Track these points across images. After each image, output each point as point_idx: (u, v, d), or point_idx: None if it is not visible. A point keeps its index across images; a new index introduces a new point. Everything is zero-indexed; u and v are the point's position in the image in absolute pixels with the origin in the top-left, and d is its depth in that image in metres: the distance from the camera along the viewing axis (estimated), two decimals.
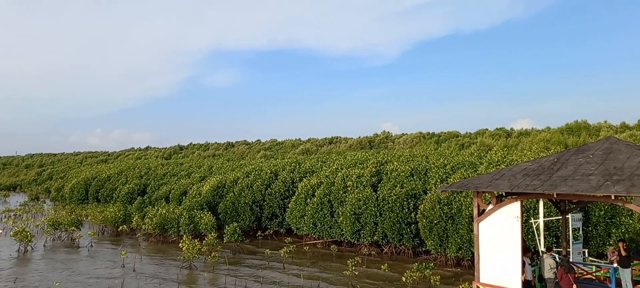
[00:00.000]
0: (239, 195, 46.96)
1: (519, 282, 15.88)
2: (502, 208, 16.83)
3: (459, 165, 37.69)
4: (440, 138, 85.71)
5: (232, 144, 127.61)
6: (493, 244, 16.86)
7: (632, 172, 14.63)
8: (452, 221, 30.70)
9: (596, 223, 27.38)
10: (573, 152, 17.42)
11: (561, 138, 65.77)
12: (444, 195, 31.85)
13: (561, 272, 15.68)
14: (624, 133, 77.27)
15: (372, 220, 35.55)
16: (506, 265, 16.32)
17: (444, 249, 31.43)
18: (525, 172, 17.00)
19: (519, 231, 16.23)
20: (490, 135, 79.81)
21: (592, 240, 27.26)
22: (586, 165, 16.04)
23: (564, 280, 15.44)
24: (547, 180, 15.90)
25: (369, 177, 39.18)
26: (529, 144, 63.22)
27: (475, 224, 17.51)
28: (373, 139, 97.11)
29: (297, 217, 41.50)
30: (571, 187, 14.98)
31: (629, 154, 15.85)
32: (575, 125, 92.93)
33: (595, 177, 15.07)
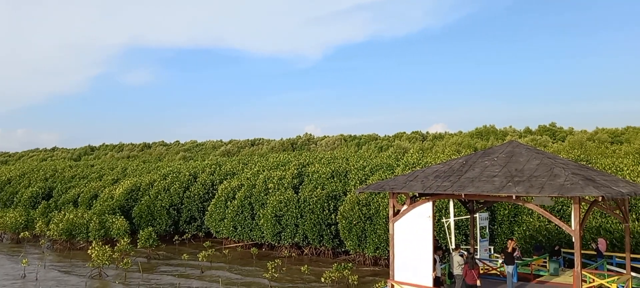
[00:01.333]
0: (155, 199, 45.11)
1: (430, 279, 16.58)
2: (416, 209, 17.47)
3: (377, 167, 38.81)
4: (361, 140, 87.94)
5: (149, 145, 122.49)
6: (407, 243, 17.46)
7: (531, 174, 15.79)
8: (371, 221, 31.51)
9: (501, 222, 29.31)
10: (480, 155, 18.49)
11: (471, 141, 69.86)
12: (363, 196, 32.60)
13: (466, 268, 16.58)
14: (526, 137, 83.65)
15: (293, 222, 35.60)
16: (419, 263, 16.96)
17: (363, 249, 32.17)
18: (436, 174, 17.79)
19: (431, 230, 16.93)
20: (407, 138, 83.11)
21: (498, 237, 29.12)
22: (491, 168, 17.09)
23: (469, 275, 16.34)
24: (456, 181, 16.75)
25: (291, 179, 39.22)
26: (443, 147, 66.56)
27: (391, 224, 18.04)
28: (296, 141, 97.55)
29: (216, 220, 40.61)
30: (477, 187, 15.88)
31: (528, 157, 17.10)
32: (484, 129, 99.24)
33: (498, 178, 16.09)
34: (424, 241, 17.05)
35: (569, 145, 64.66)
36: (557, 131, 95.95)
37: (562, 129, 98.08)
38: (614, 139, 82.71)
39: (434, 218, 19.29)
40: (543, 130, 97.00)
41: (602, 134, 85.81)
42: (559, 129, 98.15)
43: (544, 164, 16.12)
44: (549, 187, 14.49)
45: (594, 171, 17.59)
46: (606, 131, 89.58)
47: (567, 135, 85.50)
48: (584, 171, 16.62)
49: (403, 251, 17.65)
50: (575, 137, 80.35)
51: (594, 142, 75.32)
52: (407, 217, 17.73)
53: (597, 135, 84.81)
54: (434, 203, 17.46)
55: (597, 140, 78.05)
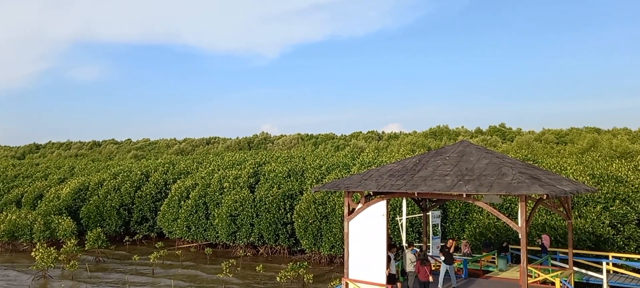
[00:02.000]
0: (105, 198, 43.60)
1: (384, 277, 16.79)
2: (370, 207, 17.63)
3: (333, 166, 39.00)
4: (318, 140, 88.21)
5: (99, 143, 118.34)
6: (361, 241, 17.60)
7: (481, 173, 16.25)
8: (327, 220, 31.61)
9: (453, 219, 30.07)
10: (432, 155, 18.87)
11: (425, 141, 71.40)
12: (319, 195, 32.68)
13: (418, 265, 16.89)
14: (477, 137, 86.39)
15: (248, 222, 35.25)
16: (373, 260, 17.14)
17: (318, 248, 32.24)
18: (391, 173, 18.03)
19: (385, 228, 17.14)
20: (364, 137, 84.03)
21: (449, 234, 29.85)
22: (443, 167, 17.46)
23: (421, 272, 16.66)
24: (409, 180, 17.02)
25: (247, 178, 38.82)
26: (398, 146, 67.70)
27: (346, 223, 18.14)
28: (252, 140, 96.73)
29: (169, 220, 39.68)
30: (430, 186, 16.19)
31: (478, 157, 17.59)
32: (437, 129, 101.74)
33: (450, 177, 16.46)
34: (378, 239, 17.23)
35: (517, 145, 67.20)
36: (506, 132, 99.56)
37: (511, 129, 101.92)
38: (559, 139, 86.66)
39: (388, 216, 19.53)
40: (493, 130, 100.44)
41: (548, 135, 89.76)
42: (509, 129, 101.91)
43: (492, 163, 16.61)
44: (497, 186, 14.94)
45: (540, 170, 18.29)
46: (552, 132, 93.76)
47: (516, 136, 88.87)
48: (530, 170, 17.24)
49: (357, 249, 17.78)
50: (523, 137, 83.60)
51: (540, 142, 78.64)
52: (361, 215, 17.86)
53: (544, 136, 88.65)
54: (388, 201, 17.67)
55: (543, 141, 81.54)
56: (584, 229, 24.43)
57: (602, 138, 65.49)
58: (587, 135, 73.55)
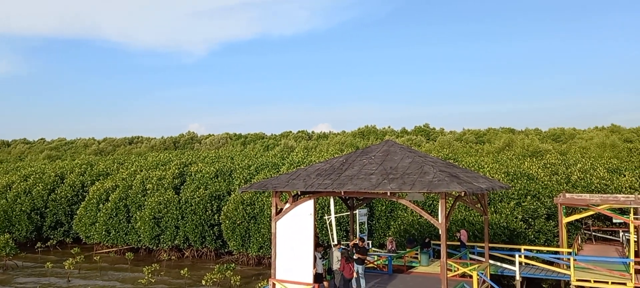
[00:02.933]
0: (14, 202, 40.41)
1: (311, 276, 16.82)
2: (298, 207, 17.60)
3: (262, 166, 38.66)
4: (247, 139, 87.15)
5: (8, 143, 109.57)
6: (289, 241, 17.52)
7: (404, 172, 16.72)
8: (255, 221, 31.24)
9: (379, 217, 30.79)
10: (359, 154, 19.18)
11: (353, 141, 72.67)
12: (248, 195, 32.23)
13: (343, 262, 17.09)
14: (403, 137, 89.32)
15: (173, 224, 34.07)
16: (300, 260, 17.12)
17: (246, 249, 31.79)
18: (318, 172, 18.10)
19: (312, 227, 17.17)
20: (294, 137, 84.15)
21: (376, 232, 30.56)
22: (369, 166, 17.80)
23: (346, 269, 16.87)
24: (336, 179, 17.18)
25: (172, 179, 37.51)
26: (327, 145, 68.40)
27: (273, 223, 17.99)
28: (178, 140, 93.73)
29: (87, 225, 37.49)
30: (356, 185, 16.44)
31: (402, 156, 18.10)
32: (366, 129, 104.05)
33: (375, 176, 16.80)
34: (305, 238, 17.23)
35: (439, 144, 70.22)
36: (430, 132, 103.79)
37: (435, 129, 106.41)
38: (478, 139, 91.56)
39: (316, 215, 19.59)
40: (418, 130, 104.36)
41: (468, 135, 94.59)
42: (432, 129, 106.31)
43: (415, 162, 17.14)
44: (419, 184, 15.43)
45: (459, 169, 19.14)
46: (472, 132, 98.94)
47: (439, 136, 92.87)
48: (450, 169, 17.99)
49: (285, 249, 17.68)
50: (445, 137, 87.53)
51: (461, 142, 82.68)
52: (289, 215, 17.79)
53: (464, 136, 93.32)
54: (315, 201, 17.73)
55: (464, 140, 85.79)
56: (499, 224, 25.91)
57: (516, 138, 70.00)
58: (503, 135, 78.33)
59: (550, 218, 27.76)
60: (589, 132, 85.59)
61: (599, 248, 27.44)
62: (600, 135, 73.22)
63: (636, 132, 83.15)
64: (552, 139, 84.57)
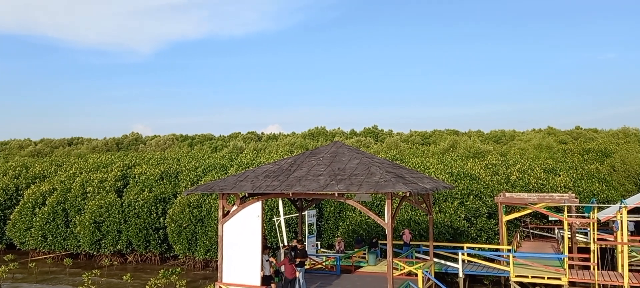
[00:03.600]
0: None
1: (259, 278, 16.65)
2: (246, 209, 17.39)
3: (210, 167, 37.95)
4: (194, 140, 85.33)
5: None
6: (236, 244, 17.28)
7: (352, 173, 16.87)
8: (202, 224, 30.60)
9: (328, 218, 30.94)
10: (307, 155, 19.18)
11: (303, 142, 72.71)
12: (194, 198, 31.54)
13: (285, 262, 17.01)
14: (352, 138, 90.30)
15: (115, 228, 32.80)
16: (247, 263, 16.92)
17: (193, 253, 31.08)
18: (266, 174, 17.96)
19: (260, 229, 17.02)
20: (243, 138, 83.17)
21: (324, 233, 30.70)
22: (317, 167, 17.84)
23: (287, 269, 16.80)
24: (284, 180, 17.10)
25: (114, 181, 36.10)
26: (276, 147, 68.10)
27: (220, 225, 17.67)
28: (121, 141, 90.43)
29: (21, 230, 35.46)
30: (304, 186, 16.42)
31: (350, 157, 18.26)
32: (315, 130, 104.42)
33: (323, 177, 16.86)
34: (253, 241, 17.05)
35: (387, 146, 71.51)
36: (379, 133, 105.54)
37: (383, 131, 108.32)
38: (424, 140, 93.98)
39: (264, 217, 19.41)
40: (367, 132, 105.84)
41: (415, 136, 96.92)
42: (381, 131, 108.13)
43: (363, 163, 17.33)
44: (366, 184, 15.60)
45: (405, 169, 19.52)
46: (418, 134, 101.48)
47: (387, 137, 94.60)
48: (396, 169, 18.32)
49: (232, 252, 17.43)
50: (393, 138, 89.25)
51: (408, 143, 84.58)
52: (236, 217, 17.55)
53: (411, 137, 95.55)
54: (263, 202, 17.57)
55: (410, 142, 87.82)
56: (444, 223, 26.67)
57: (460, 139, 72.40)
58: (448, 136, 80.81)
59: (491, 216, 28.86)
60: (527, 134, 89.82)
61: (537, 245, 28.80)
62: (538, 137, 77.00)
63: (570, 134, 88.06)
64: (494, 140, 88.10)
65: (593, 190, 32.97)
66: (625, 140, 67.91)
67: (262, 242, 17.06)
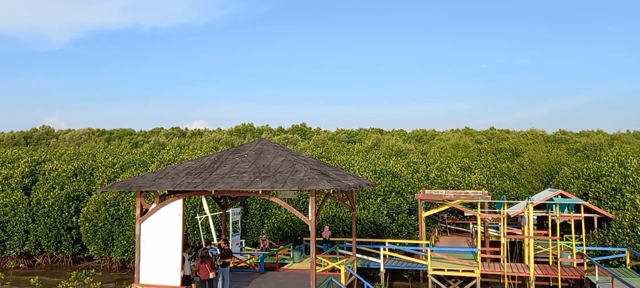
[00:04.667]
0: None
1: (178, 279, 16.10)
2: (165, 207, 16.74)
3: (129, 164, 36.25)
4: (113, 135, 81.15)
5: None
6: (155, 243, 16.59)
7: (276, 170, 16.76)
8: (119, 223, 29.16)
9: (253, 216, 30.62)
10: (231, 152, 18.81)
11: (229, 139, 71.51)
12: (111, 196, 29.96)
13: (198, 263, 16.57)
14: (280, 135, 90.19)
15: (22, 228, 30.45)
16: (167, 263, 16.30)
17: (109, 253, 29.54)
18: (188, 171, 17.39)
19: (181, 228, 16.46)
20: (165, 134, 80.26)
21: (250, 230, 30.35)
22: (241, 164, 17.53)
23: (201, 270, 16.37)
24: (207, 178, 16.64)
25: (21, 178, 33.47)
26: (201, 143, 66.39)
27: (137, 224, 16.89)
28: (30, 135, 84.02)
29: None
30: (227, 183, 16.07)
31: (275, 154, 18.13)
32: (242, 127, 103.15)
33: (247, 174, 16.60)
34: (173, 240, 16.46)
35: (314, 143, 72.13)
36: (306, 131, 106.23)
37: (311, 129, 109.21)
38: (350, 138, 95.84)
39: (185, 215, 18.80)
40: (295, 129, 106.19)
41: (341, 134, 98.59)
42: (309, 128, 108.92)
43: (287, 161, 17.27)
44: (290, 182, 15.56)
45: (330, 167, 19.72)
46: (345, 132, 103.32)
47: (314, 135, 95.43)
48: (321, 167, 18.45)
49: (151, 252, 16.72)
50: (320, 136, 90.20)
51: (334, 141, 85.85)
52: (155, 216, 16.86)
53: (338, 135, 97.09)
54: (184, 200, 17.02)
55: (337, 140, 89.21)
56: (367, 219, 27.28)
57: (384, 138, 74.53)
58: (372, 135, 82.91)
59: (411, 213, 29.95)
60: (446, 133, 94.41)
61: (453, 239, 30.26)
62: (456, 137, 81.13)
63: (485, 135, 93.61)
64: (416, 139, 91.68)
65: (504, 187, 35.22)
66: (534, 141, 73.34)
67: (182, 241, 16.51)
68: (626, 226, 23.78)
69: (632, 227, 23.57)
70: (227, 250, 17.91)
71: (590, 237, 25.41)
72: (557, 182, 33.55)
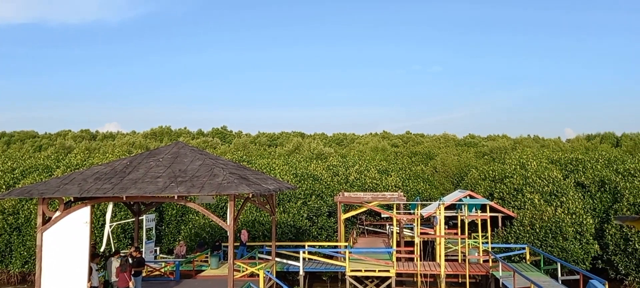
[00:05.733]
0: None
1: None
2: (71, 215, 15.66)
3: (31, 169, 33.56)
4: (13, 138, 74.72)
5: None
6: (59, 254, 15.45)
7: (194, 174, 16.27)
8: (19, 233, 26.89)
9: (169, 222, 29.52)
10: (145, 156, 17.99)
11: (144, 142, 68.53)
12: (10, 203, 27.55)
13: (117, 272, 15.81)
14: (199, 139, 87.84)
15: None
16: (72, 274, 15.24)
17: (7, 266, 27.13)
18: (97, 176, 16.40)
19: (88, 237, 15.47)
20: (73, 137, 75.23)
21: (165, 237, 29.22)
22: (156, 168, 16.82)
23: (120, 279, 15.63)
24: (118, 183, 15.78)
25: None
26: (112, 147, 63.00)
27: (39, 234, 15.63)
28: None
29: None
30: (140, 189, 15.35)
31: (192, 158, 17.60)
32: (159, 130, 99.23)
33: (162, 179, 15.95)
34: (79, 249, 15.44)
35: (235, 147, 71.08)
36: (227, 134, 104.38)
37: (232, 132, 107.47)
38: (271, 142, 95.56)
39: (92, 223, 17.73)
40: (215, 132, 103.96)
41: (262, 138, 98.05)
42: (229, 132, 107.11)
43: (205, 165, 16.84)
44: (208, 186, 15.18)
45: (250, 171, 19.48)
46: (266, 135, 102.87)
47: (235, 138, 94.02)
48: (241, 171, 18.18)
49: (54, 263, 15.54)
50: (241, 139, 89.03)
51: (255, 144, 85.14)
52: (60, 224, 15.73)
53: (259, 139, 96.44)
54: (93, 207, 16.03)
55: (258, 143, 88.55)
56: (287, 223, 27.29)
57: (305, 141, 75.15)
58: (294, 138, 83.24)
59: (331, 215, 30.39)
60: (365, 137, 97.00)
61: (371, 240, 31.10)
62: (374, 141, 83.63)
63: (402, 138, 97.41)
64: (336, 143, 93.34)
65: (418, 189, 36.80)
66: (446, 145, 77.43)
67: (90, 250, 15.53)
68: (526, 224, 25.74)
69: (531, 224, 25.55)
70: (140, 259, 17.12)
71: (495, 235, 27.21)
72: (466, 184, 35.61)
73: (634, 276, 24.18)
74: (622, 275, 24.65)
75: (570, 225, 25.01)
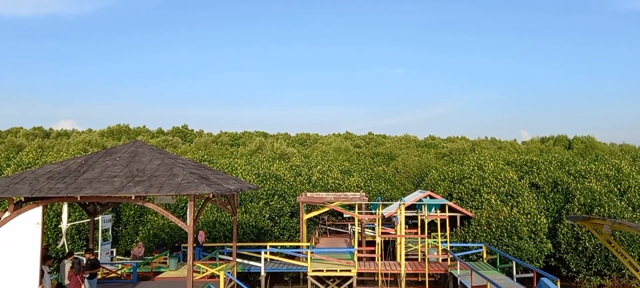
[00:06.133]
0: None
1: None
2: (21, 215, 14.99)
3: None
4: None
5: None
6: (8, 256, 14.78)
7: (152, 174, 15.86)
8: None
9: (126, 223, 28.72)
10: (101, 155, 17.43)
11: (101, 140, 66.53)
12: None
13: (70, 274, 15.28)
14: (159, 138, 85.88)
15: None
16: (22, 277, 14.59)
17: None
18: (49, 175, 15.77)
19: (40, 238, 14.84)
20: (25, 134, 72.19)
21: (122, 238, 28.41)
22: (113, 168, 16.32)
23: (72, 281, 15.09)
24: (72, 183, 15.23)
25: None
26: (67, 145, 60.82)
27: None
28: None
29: None
30: (96, 189, 14.85)
31: (150, 157, 17.16)
32: (117, 128, 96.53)
33: (119, 179, 15.49)
34: (30, 251, 14.80)
35: (196, 146, 69.95)
36: (188, 133, 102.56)
37: (193, 131, 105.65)
38: (233, 141, 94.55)
39: (45, 224, 17.04)
40: (176, 131, 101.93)
41: (224, 137, 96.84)
42: (190, 131, 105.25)
43: (165, 164, 16.47)
44: (167, 186, 14.85)
45: (211, 170, 19.18)
46: (228, 134, 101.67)
47: (196, 137, 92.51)
48: (201, 170, 17.87)
49: (3, 265, 14.86)
50: (202, 138, 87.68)
51: (217, 144, 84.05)
52: (9, 225, 15.05)
53: (220, 138, 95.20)
54: (44, 208, 15.40)
55: (219, 142, 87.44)
56: (249, 223, 27.04)
57: (268, 141, 74.76)
58: (256, 138, 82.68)
59: (293, 215, 30.31)
60: (328, 137, 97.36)
61: (333, 240, 31.21)
62: (337, 141, 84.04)
63: (364, 139, 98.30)
64: (299, 143, 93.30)
65: (380, 190, 37.23)
66: (407, 146, 78.62)
67: (42, 252, 14.91)
68: (483, 223, 26.44)
69: (488, 224, 26.26)
70: (94, 260, 16.57)
71: (454, 235, 27.82)
72: (426, 184, 36.26)
73: (584, 273, 25.24)
74: (573, 273, 25.69)
75: (525, 224, 25.85)
